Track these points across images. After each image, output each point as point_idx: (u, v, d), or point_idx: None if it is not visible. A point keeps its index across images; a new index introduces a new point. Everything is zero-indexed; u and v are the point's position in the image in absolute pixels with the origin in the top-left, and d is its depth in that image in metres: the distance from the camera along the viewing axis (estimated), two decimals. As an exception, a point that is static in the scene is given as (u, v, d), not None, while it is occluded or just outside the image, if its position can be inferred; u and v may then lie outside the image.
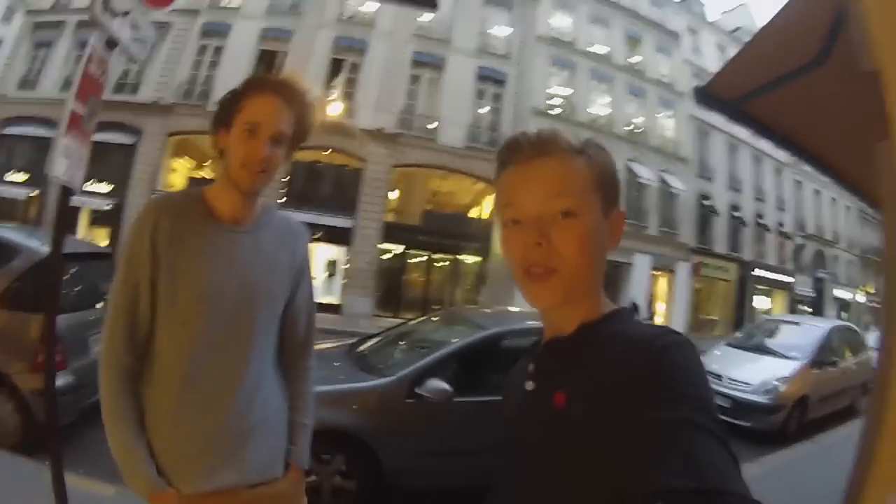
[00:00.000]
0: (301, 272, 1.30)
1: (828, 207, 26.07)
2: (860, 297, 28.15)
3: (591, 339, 0.69)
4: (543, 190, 0.69)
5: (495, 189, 0.77)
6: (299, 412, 1.31)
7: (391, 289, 15.60)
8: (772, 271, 22.66)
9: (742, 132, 20.26)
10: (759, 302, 22.77)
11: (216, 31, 16.55)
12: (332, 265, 15.16)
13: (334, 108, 14.88)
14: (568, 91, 17.67)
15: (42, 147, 16.25)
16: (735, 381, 6.36)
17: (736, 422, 5.92)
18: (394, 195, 16.17)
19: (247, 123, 1.12)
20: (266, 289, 1.20)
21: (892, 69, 0.59)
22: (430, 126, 15.88)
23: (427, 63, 16.33)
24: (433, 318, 4.97)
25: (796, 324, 8.14)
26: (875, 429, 0.62)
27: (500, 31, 17.46)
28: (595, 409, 0.61)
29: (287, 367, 1.32)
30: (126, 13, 2.12)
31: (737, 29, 24.16)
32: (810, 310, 23.58)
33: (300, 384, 1.33)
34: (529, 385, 0.75)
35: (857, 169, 1.61)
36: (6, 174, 16.81)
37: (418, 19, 16.45)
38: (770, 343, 7.34)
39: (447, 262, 16.35)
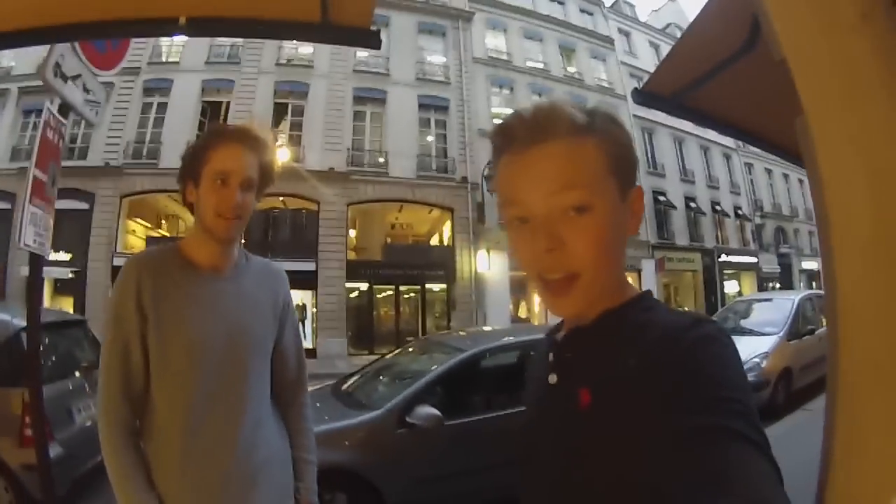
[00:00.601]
0: (285, 312, 1.34)
1: (781, 184, 26.86)
2: (826, 265, 28.80)
3: (615, 327, 0.63)
4: (549, 184, 0.60)
5: (494, 180, 0.67)
6: (302, 449, 1.34)
7: (362, 326, 15.58)
8: (736, 255, 23.18)
9: (686, 125, 20.87)
10: (729, 286, 23.26)
11: (158, 88, 16.50)
12: (300, 310, 15.11)
13: (282, 153, 14.94)
14: (510, 110, 17.94)
15: None
16: None
17: None
18: (353, 233, 16.24)
19: (216, 173, 1.16)
20: (253, 332, 1.23)
21: (794, 57, 0.63)
22: (379, 160, 16.05)
23: (369, 98, 16.55)
24: (410, 349, 5.01)
25: (768, 300, 8.26)
26: (831, 426, 0.62)
27: (437, 58, 17.81)
28: (623, 409, 0.56)
29: (283, 406, 1.35)
30: (76, 77, 2.14)
31: (668, 25, 25.01)
32: (779, 285, 24.15)
33: (299, 421, 1.36)
34: (552, 378, 0.68)
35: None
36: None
37: (356, 56, 16.70)
38: (745, 323, 7.45)
39: (414, 293, 16.42)
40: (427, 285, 16.13)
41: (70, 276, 15.35)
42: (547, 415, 0.68)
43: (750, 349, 6.47)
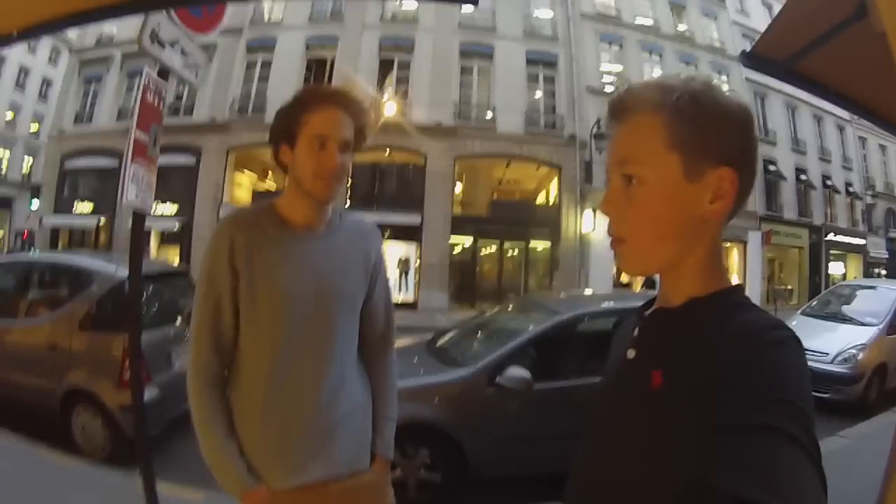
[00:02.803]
0: (376, 270, 1.33)
1: (895, 162, 24.76)
2: (937, 255, 26.62)
3: (697, 317, 0.64)
4: (613, 157, 0.68)
5: None
6: (383, 405, 1.35)
7: (464, 281, 15.58)
8: (844, 234, 21.68)
9: (800, 91, 19.40)
10: (834, 267, 21.79)
11: (262, 46, 16.91)
12: (404, 263, 15.22)
13: (389, 108, 14.93)
14: (619, 67, 17.29)
15: (103, 177, 17.03)
16: (812, 351, 6.03)
17: (815, 394, 5.64)
18: (459, 188, 16.13)
19: (315, 137, 1.16)
20: (343, 289, 1.23)
21: (893, 30, 0.61)
22: (486, 115, 15.80)
23: (475, 53, 16.28)
24: (508, 308, 4.95)
25: (872, 288, 7.76)
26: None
27: (544, 13, 17.27)
28: (691, 396, 0.57)
29: (369, 362, 1.35)
30: (174, 42, 2.16)
31: (781, -15, 23.30)
32: (885, 272, 22.42)
33: (383, 378, 1.37)
34: (630, 353, 0.70)
35: None
36: (74, 205, 17.54)
37: (461, 10, 16.41)
38: (846, 310, 7.05)
39: (518, 250, 16.21)
40: (531, 243, 15.92)
41: (177, 228, 16.05)
42: (620, 387, 0.71)
43: (848, 338, 6.13)
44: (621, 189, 0.66)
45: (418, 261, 15.13)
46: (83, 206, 17.76)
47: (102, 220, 17.14)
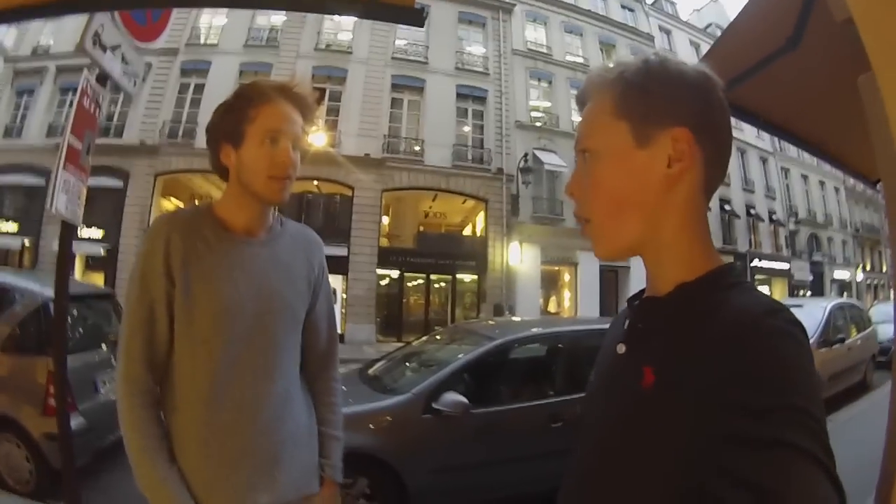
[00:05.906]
0: (319, 281, 1.26)
1: (816, 191, 26.23)
2: (859, 276, 28.27)
3: (688, 304, 0.59)
4: (576, 141, 0.66)
5: None
6: (329, 425, 1.27)
7: (392, 313, 15.57)
8: (768, 260, 22.76)
9: (724, 126, 20.38)
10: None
11: (196, 70, 16.62)
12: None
13: (318, 138, 14.92)
14: (548, 103, 17.81)
15: (30, 195, 16.29)
16: None
17: None
18: (385, 220, 16.19)
19: (267, 132, 1.08)
20: (285, 300, 1.15)
21: (862, 14, 0.64)
22: (415, 148, 15.96)
23: (407, 86, 16.46)
24: (437, 337, 4.98)
25: (799, 306, 8.05)
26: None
27: (476, 48, 17.65)
28: (683, 398, 0.53)
29: (312, 379, 1.28)
30: (116, 47, 2.12)
31: (709, 25, 24.50)
32: (810, 294, 23.64)
33: (327, 396, 1.29)
34: (621, 348, 0.65)
35: (840, 144, 1.68)
36: (-2, 223, 16.79)
37: (395, 43, 16.63)
38: None
39: (445, 283, 16.33)
40: (458, 275, 16.04)
41: (102, 253, 15.55)
42: (610, 384, 0.67)
43: None
44: (581, 168, 0.64)
45: (344, 294, 15.08)
46: (7, 226, 16.96)
47: (27, 241, 16.43)
